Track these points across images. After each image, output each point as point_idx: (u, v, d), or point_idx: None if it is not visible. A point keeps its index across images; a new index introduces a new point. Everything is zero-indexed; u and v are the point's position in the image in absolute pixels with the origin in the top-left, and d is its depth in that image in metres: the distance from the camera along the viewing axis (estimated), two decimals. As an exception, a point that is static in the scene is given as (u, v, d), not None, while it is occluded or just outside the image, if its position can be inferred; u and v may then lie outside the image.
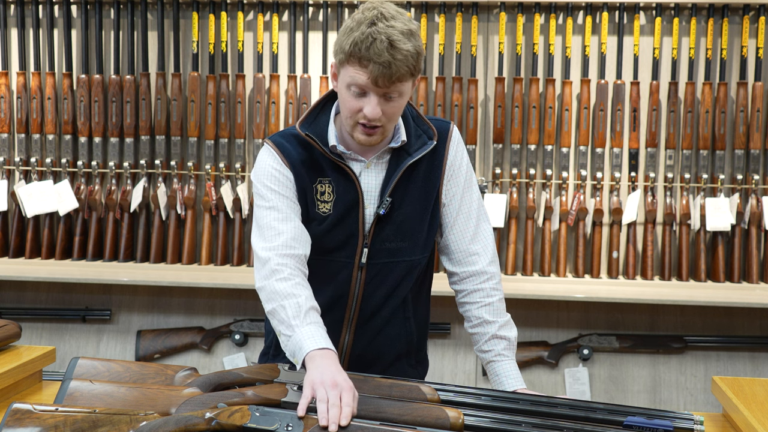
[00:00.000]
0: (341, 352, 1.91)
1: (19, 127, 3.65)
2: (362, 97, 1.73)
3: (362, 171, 1.86)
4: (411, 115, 1.91)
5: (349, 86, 1.73)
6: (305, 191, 1.85)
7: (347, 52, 1.70)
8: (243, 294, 3.60)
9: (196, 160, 3.62)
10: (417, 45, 1.72)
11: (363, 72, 1.70)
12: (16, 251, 3.66)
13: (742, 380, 1.98)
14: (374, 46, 1.67)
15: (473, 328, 1.96)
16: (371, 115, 1.73)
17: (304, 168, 1.85)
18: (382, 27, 1.68)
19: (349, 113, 1.76)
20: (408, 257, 1.89)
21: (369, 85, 1.70)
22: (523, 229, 3.55)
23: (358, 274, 1.87)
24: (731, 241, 3.50)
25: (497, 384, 1.90)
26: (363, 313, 1.90)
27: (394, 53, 1.67)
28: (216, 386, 1.65)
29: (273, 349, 2.01)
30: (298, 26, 3.57)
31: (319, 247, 1.87)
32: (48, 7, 3.62)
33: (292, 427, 1.45)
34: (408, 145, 1.87)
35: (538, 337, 3.60)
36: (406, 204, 1.87)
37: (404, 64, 1.69)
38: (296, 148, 1.86)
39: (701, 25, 3.49)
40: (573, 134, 3.54)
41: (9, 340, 2.09)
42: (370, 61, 1.67)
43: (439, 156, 1.90)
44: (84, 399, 1.58)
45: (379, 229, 1.86)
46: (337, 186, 1.85)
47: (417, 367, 2.03)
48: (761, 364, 3.54)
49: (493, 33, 3.57)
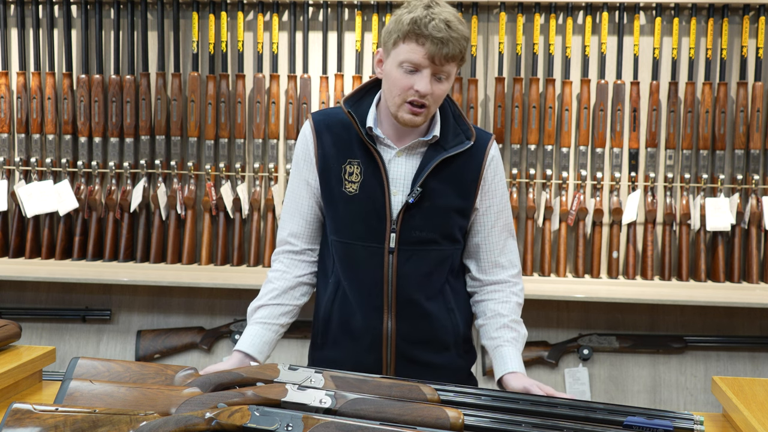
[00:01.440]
0: (386, 336, 1.97)
1: (19, 127, 3.65)
2: (414, 74, 1.82)
3: (392, 159, 1.93)
4: (453, 113, 1.98)
5: (401, 63, 1.82)
6: (331, 171, 1.94)
7: (406, 30, 1.80)
8: (243, 294, 3.60)
9: (196, 160, 3.62)
10: (468, 32, 1.85)
11: (420, 48, 1.80)
12: (16, 251, 3.66)
13: (742, 380, 1.98)
14: (433, 23, 1.78)
15: (485, 320, 2.00)
16: (424, 89, 1.81)
17: (335, 148, 1.94)
18: (438, 10, 1.81)
19: (399, 91, 1.84)
20: (439, 247, 1.95)
21: (424, 61, 1.80)
22: (523, 229, 3.55)
23: (390, 259, 1.92)
24: (731, 241, 3.50)
25: (499, 365, 1.93)
26: (400, 298, 1.95)
27: (450, 32, 1.79)
28: (216, 386, 1.65)
29: (319, 338, 2.07)
30: (298, 26, 3.57)
31: (349, 232, 1.94)
32: (48, 7, 3.62)
33: (292, 427, 1.45)
34: (444, 141, 1.94)
35: (538, 337, 3.60)
36: (437, 197, 1.92)
37: (458, 45, 1.80)
38: (334, 127, 1.96)
39: (701, 25, 3.49)
40: (573, 134, 3.54)
41: (9, 340, 2.09)
42: (428, 38, 1.78)
43: (476, 161, 1.96)
44: (84, 399, 1.58)
45: (408, 216, 1.91)
46: (366, 168, 1.92)
47: (465, 357, 2.09)
48: (761, 364, 3.54)
49: (493, 33, 3.57)
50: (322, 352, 2.05)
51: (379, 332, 1.96)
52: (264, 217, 3.60)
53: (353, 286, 1.97)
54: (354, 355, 1.98)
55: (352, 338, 2.00)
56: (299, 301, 2.03)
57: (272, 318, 1.98)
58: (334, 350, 2.03)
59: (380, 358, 1.98)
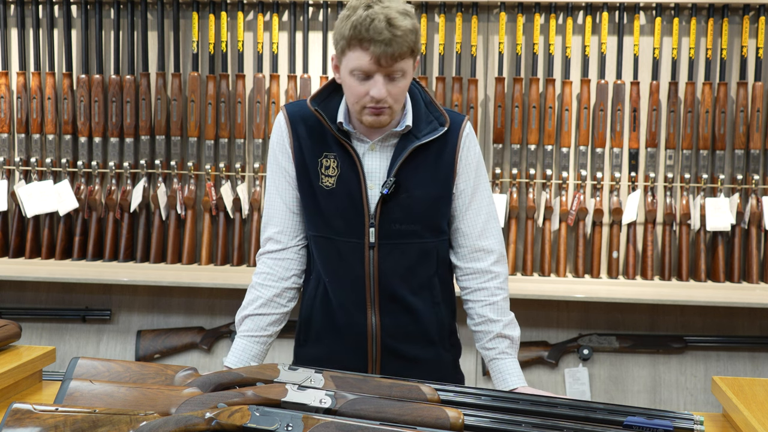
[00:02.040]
0: (370, 332, 1.93)
1: (19, 127, 3.65)
2: (367, 81, 1.76)
3: (366, 152, 1.89)
4: (424, 100, 1.93)
5: (352, 72, 1.76)
6: (307, 164, 1.90)
7: (348, 36, 1.73)
8: (243, 294, 3.53)
9: (196, 160, 3.62)
10: (414, 23, 1.75)
11: (365, 54, 1.72)
12: (16, 251, 3.66)
13: (742, 380, 1.98)
14: (373, 26, 1.70)
15: (477, 326, 1.97)
16: (378, 95, 1.75)
17: (311, 141, 1.89)
18: (378, 8, 1.71)
19: (355, 98, 1.79)
20: (420, 239, 1.91)
21: (372, 66, 1.73)
22: (523, 229, 3.55)
23: (370, 254, 1.89)
24: (731, 241, 3.50)
25: (499, 381, 1.92)
26: (383, 294, 1.91)
27: (393, 30, 1.70)
28: (216, 386, 1.65)
29: (302, 335, 2.04)
30: (298, 26, 3.57)
31: (328, 227, 1.90)
32: (48, 7, 3.62)
33: (292, 427, 1.45)
34: (416, 129, 1.88)
35: (538, 337, 3.60)
36: (414, 187, 1.88)
37: (404, 41, 1.72)
38: (308, 119, 1.90)
39: (701, 25, 3.49)
40: (573, 134, 3.54)
41: (9, 340, 2.09)
42: (371, 42, 1.70)
43: (451, 145, 1.91)
44: (84, 399, 1.58)
45: (386, 209, 1.87)
46: (342, 162, 1.88)
47: (452, 350, 2.06)
48: (761, 364, 3.54)
49: (493, 33, 3.57)
50: (304, 349, 2.02)
51: (363, 328, 1.92)
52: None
53: (334, 282, 1.93)
54: (338, 352, 1.95)
55: (335, 335, 1.96)
56: (286, 308, 1.99)
57: (258, 330, 1.95)
58: (317, 347, 1.99)
59: (365, 355, 1.94)
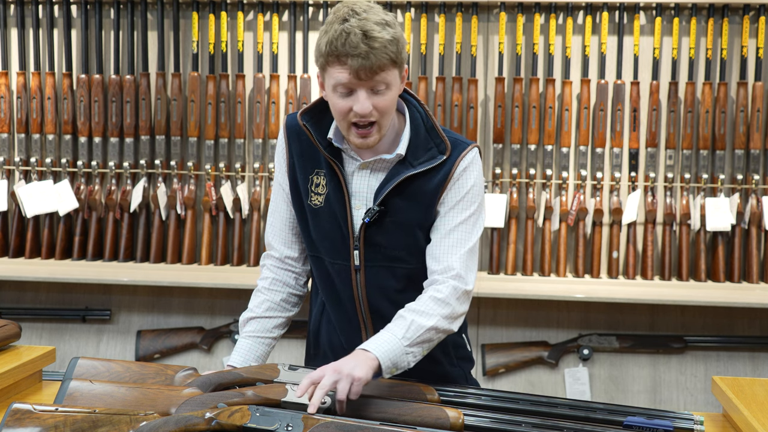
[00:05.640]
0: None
1: (19, 127, 3.65)
2: (350, 96, 1.70)
3: (356, 171, 1.82)
4: (425, 125, 1.83)
5: (335, 88, 1.70)
6: (299, 181, 1.85)
7: (325, 53, 1.68)
8: (243, 294, 3.60)
9: (196, 160, 3.62)
10: (394, 33, 1.69)
11: (344, 69, 1.67)
12: (16, 251, 3.66)
13: (742, 380, 1.98)
14: (349, 41, 1.64)
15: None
16: (362, 110, 1.69)
17: (303, 157, 1.85)
18: (354, 22, 1.65)
19: (341, 115, 1.73)
20: (407, 265, 1.84)
21: (352, 80, 1.67)
22: (523, 229, 3.55)
23: (357, 277, 1.84)
24: (731, 241, 3.50)
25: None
26: (374, 316, 1.86)
27: (370, 42, 1.64)
28: (216, 386, 1.65)
29: (312, 349, 2.01)
30: (298, 26, 3.57)
31: (318, 247, 1.86)
32: (48, 7, 3.62)
33: (292, 427, 1.45)
34: (413, 156, 1.79)
35: (538, 337, 3.60)
36: (401, 214, 1.80)
37: (383, 53, 1.66)
38: (303, 134, 1.85)
39: (701, 25, 3.49)
40: (573, 134, 3.54)
41: (9, 340, 2.09)
42: (348, 56, 1.65)
43: (443, 173, 1.80)
44: (84, 399, 1.58)
45: (370, 234, 1.81)
46: (329, 180, 1.82)
47: (459, 365, 1.99)
48: (761, 364, 3.54)
49: (493, 33, 3.57)
50: (314, 361, 1.98)
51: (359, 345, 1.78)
52: (264, 217, 3.60)
53: (330, 302, 1.90)
54: None
55: (340, 353, 1.85)
56: (291, 312, 1.96)
57: (264, 332, 1.91)
58: (325, 363, 1.88)
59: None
